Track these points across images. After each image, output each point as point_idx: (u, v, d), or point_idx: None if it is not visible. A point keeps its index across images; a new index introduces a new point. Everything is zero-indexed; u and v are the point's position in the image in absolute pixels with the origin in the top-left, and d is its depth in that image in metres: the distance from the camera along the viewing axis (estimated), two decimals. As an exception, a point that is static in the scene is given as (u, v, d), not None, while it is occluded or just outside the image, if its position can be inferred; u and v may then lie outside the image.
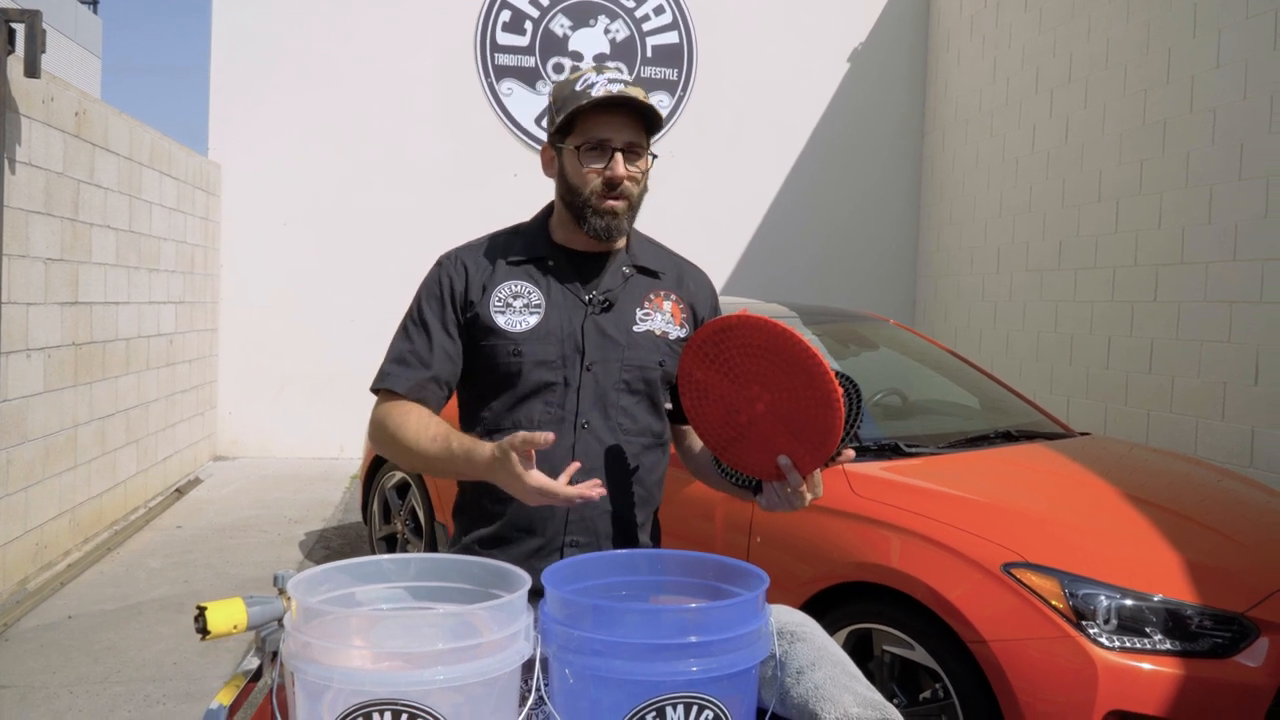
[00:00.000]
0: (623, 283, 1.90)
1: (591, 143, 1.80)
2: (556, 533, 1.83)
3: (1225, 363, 5.49)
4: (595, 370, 1.84)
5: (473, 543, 1.87)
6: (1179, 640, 2.56)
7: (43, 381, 5.09)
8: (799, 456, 1.63)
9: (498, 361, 1.83)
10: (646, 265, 1.95)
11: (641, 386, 1.88)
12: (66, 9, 20.49)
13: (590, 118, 1.80)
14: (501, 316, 1.83)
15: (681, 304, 1.96)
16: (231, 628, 1.32)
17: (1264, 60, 5.29)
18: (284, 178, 8.65)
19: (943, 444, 3.60)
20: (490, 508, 1.86)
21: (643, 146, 1.84)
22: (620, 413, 1.86)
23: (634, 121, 1.82)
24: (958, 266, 8.81)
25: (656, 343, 1.89)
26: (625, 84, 1.80)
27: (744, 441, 1.69)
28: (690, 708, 1.21)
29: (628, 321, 1.88)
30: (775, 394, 1.60)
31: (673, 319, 1.92)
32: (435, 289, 1.89)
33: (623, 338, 1.86)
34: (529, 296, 1.85)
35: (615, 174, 1.79)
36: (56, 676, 3.85)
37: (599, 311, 1.86)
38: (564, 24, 9.13)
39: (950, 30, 9.13)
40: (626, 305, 1.89)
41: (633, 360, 1.86)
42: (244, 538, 5.97)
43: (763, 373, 1.59)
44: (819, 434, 1.58)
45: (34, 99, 4.89)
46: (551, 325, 1.83)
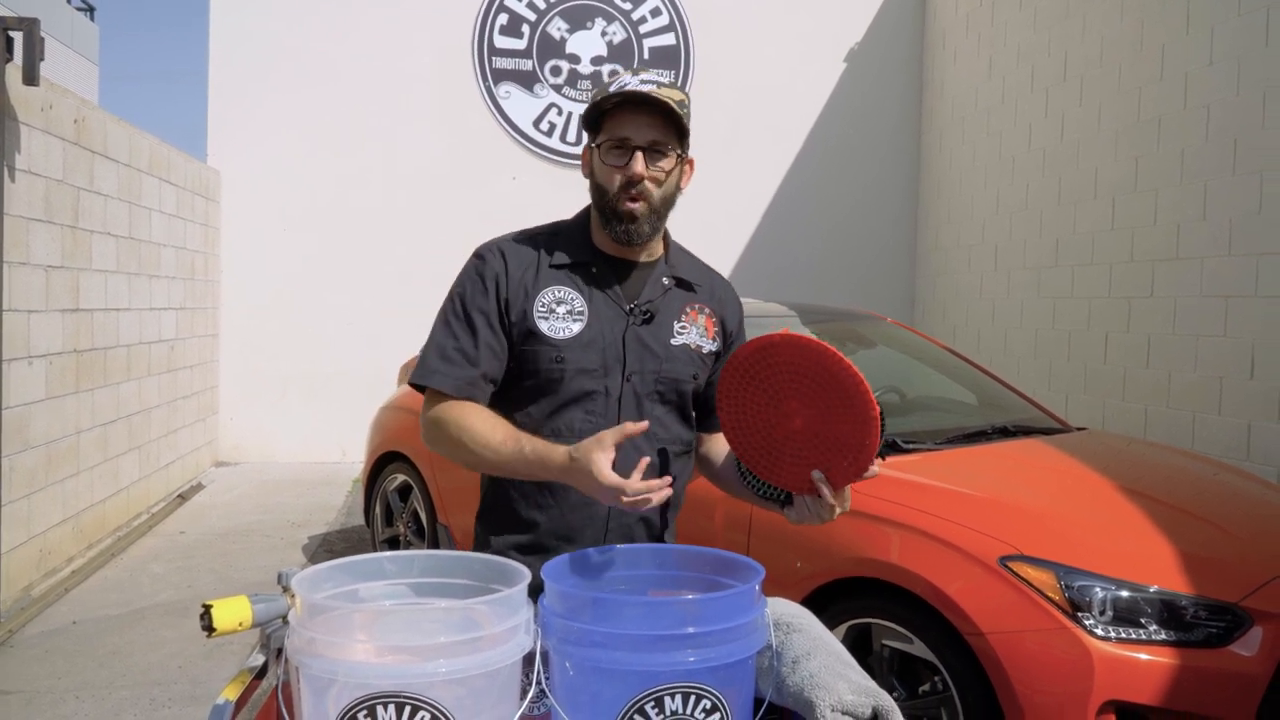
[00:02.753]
0: (662, 294, 1.90)
1: (614, 141, 1.79)
2: (596, 540, 1.83)
3: (1222, 357, 5.52)
4: (634, 380, 1.84)
5: (507, 549, 1.85)
6: (1174, 630, 2.58)
7: (44, 388, 5.11)
8: (834, 471, 1.65)
9: (540, 367, 1.81)
10: (684, 277, 1.95)
11: (674, 398, 1.89)
12: (63, 17, 20.53)
13: (615, 116, 1.79)
14: (545, 322, 1.81)
15: (714, 318, 1.97)
16: (237, 625, 1.34)
17: (1256, 57, 5.32)
18: (283, 183, 8.67)
19: (940, 440, 3.62)
20: (526, 514, 1.85)
21: (669, 146, 1.80)
22: (655, 422, 1.85)
23: (658, 121, 1.78)
24: (955, 265, 8.83)
25: (691, 356, 1.90)
26: (658, 85, 1.78)
27: (778, 455, 1.70)
28: (688, 697, 1.23)
29: (666, 334, 1.88)
30: (813, 410, 1.62)
31: (706, 333, 1.93)
32: (480, 283, 1.84)
33: (661, 350, 1.86)
34: (572, 304, 1.83)
35: (633, 172, 1.76)
36: (62, 682, 3.87)
37: (640, 323, 1.86)
38: (561, 27, 9.15)
39: (946, 29, 9.15)
40: (665, 317, 1.89)
41: (669, 373, 1.87)
42: (247, 542, 6.00)
43: (802, 390, 1.61)
44: (855, 450, 1.61)
45: (33, 106, 4.91)
46: (594, 334, 1.82)
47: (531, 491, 1.84)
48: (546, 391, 1.82)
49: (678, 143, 1.82)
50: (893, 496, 3.05)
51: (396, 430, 5.12)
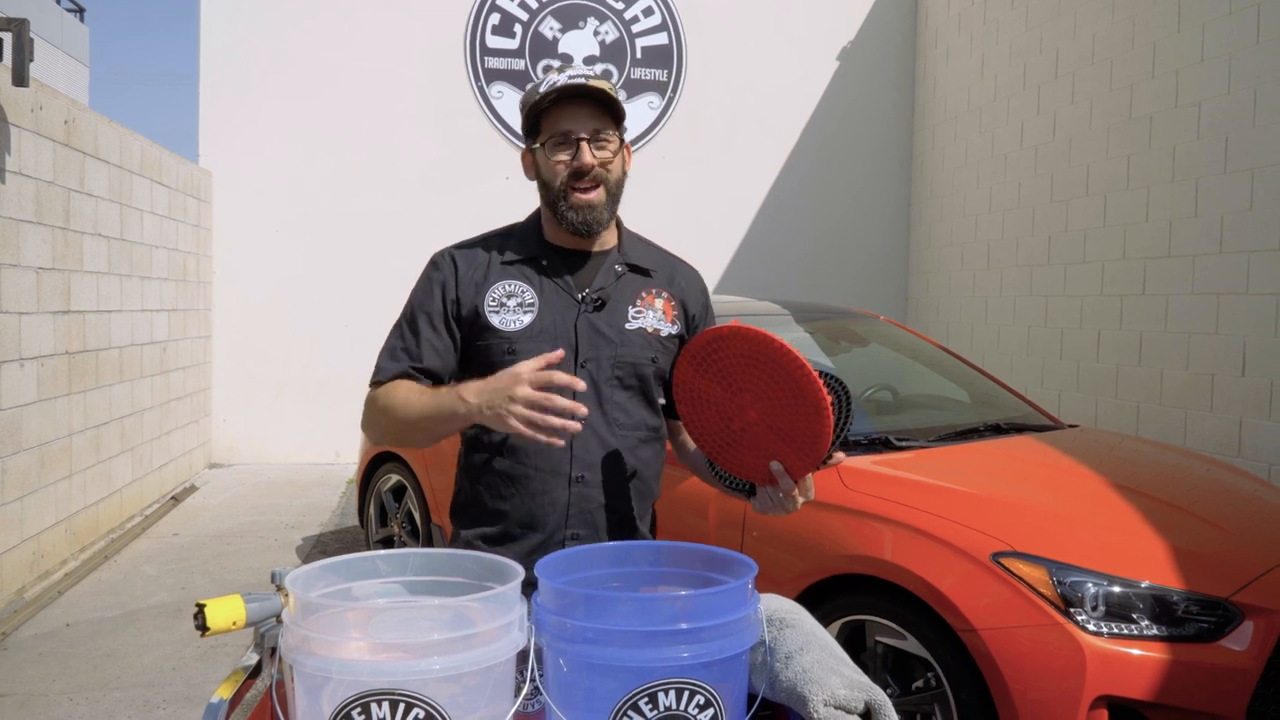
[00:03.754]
0: (615, 280, 1.93)
1: (556, 137, 1.84)
2: (558, 527, 1.87)
3: (1213, 354, 5.54)
4: (589, 367, 1.87)
5: (475, 539, 1.91)
6: (1166, 626, 2.60)
7: (36, 391, 5.10)
8: (790, 462, 1.66)
9: (492, 360, 1.85)
10: (638, 263, 1.98)
11: (634, 382, 1.91)
12: (53, 18, 20.45)
13: (553, 114, 1.85)
14: (496, 315, 1.87)
15: (673, 301, 1.98)
16: (230, 624, 1.34)
17: (1247, 54, 5.34)
18: (275, 183, 8.66)
19: (933, 437, 3.63)
20: (492, 505, 1.90)
21: (609, 133, 1.86)
22: (615, 408, 1.89)
23: (596, 111, 1.85)
24: (948, 263, 8.85)
25: (649, 339, 1.92)
26: (587, 78, 1.83)
27: (737, 447, 1.72)
28: (682, 693, 1.23)
29: (620, 319, 1.91)
30: (766, 402, 1.63)
31: (664, 316, 1.95)
32: (427, 286, 1.93)
33: (615, 335, 1.89)
34: (522, 295, 1.88)
35: (582, 162, 1.82)
36: (56, 684, 3.87)
37: (592, 309, 1.89)
38: (553, 26, 9.16)
39: (938, 28, 9.17)
40: (619, 303, 1.92)
41: (625, 357, 1.89)
42: (240, 544, 5.99)
43: (754, 381, 1.63)
44: (809, 440, 1.62)
45: (23, 108, 4.90)
46: (545, 323, 1.86)
47: (496, 483, 1.89)
48: None
49: (616, 128, 1.88)
50: (886, 493, 3.06)
51: (390, 431, 5.10)
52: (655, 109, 9.29)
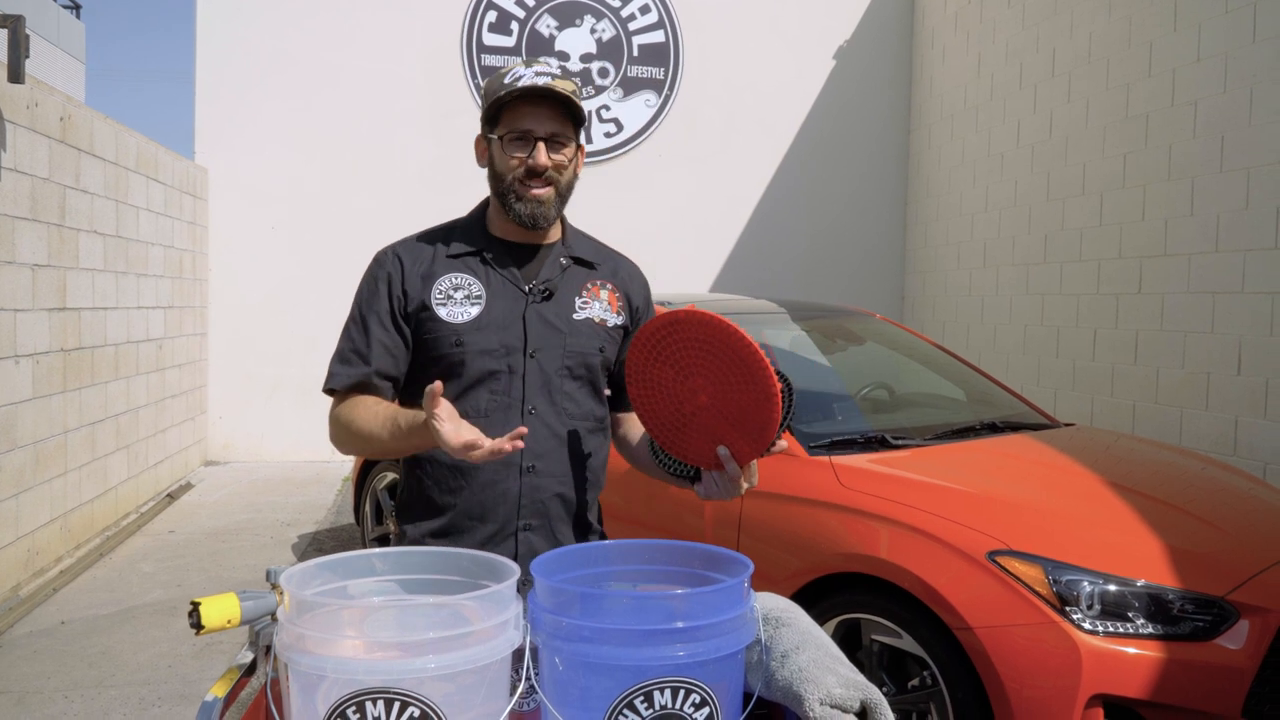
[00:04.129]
0: (560, 272, 1.95)
1: (515, 133, 1.85)
2: (509, 518, 1.88)
3: (1209, 353, 5.54)
4: (539, 357, 1.89)
5: (423, 537, 1.90)
6: (1161, 624, 2.60)
7: (31, 388, 5.09)
8: (738, 447, 1.68)
9: (441, 353, 1.87)
10: (582, 256, 2.00)
11: (583, 372, 1.93)
12: (49, 14, 20.41)
13: (515, 109, 1.85)
14: (443, 309, 1.87)
15: (618, 293, 2.01)
16: (225, 622, 1.34)
17: (1243, 53, 5.35)
18: (271, 181, 8.65)
19: (929, 436, 3.63)
20: (439, 499, 1.90)
21: (567, 136, 1.88)
22: (565, 398, 1.91)
23: (557, 113, 1.86)
24: (945, 261, 8.86)
25: (596, 330, 1.95)
26: (553, 77, 1.84)
27: (686, 431, 1.74)
28: (678, 692, 1.23)
29: (567, 310, 1.93)
30: (718, 387, 1.65)
31: (610, 307, 1.98)
32: (372, 285, 1.93)
33: (564, 325, 1.91)
34: (470, 288, 1.89)
35: (537, 162, 1.84)
36: (51, 682, 3.86)
37: (539, 300, 1.91)
38: (550, 24, 9.15)
39: (935, 27, 9.17)
40: (566, 294, 1.94)
41: (574, 347, 1.92)
42: (236, 541, 5.98)
43: (706, 366, 1.65)
44: (758, 426, 1.64)
45: (18, 104, 4.89)
46: (494, 315, 1.88)
47: (444, 476, 1.89)
48: (451, 375, 1.87)
49: (574, 132, 1.90)
50: (882, 492, 3.06)
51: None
52: (652, 107, 9.28)
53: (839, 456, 3.28)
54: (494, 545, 1.85)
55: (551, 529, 1.90)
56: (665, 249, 9.17)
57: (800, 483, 3.20)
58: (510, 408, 1.87)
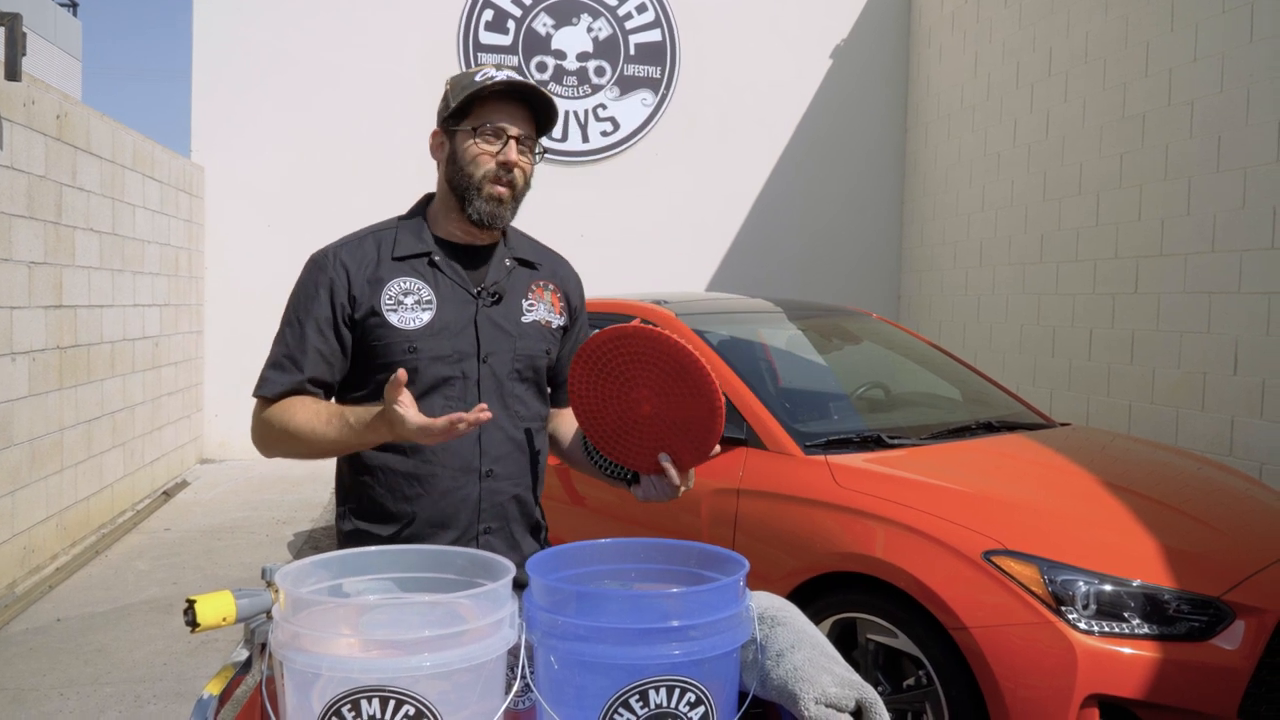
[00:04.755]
0: (507, 275, 1.94)
1: (489, 128, 1.83)
2: (470, 523, 1.86)
3: (1205, 353, 5.55)
4: (491, 362, 1.87)
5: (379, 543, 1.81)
6: (1157, 624, 2.60)
7: (27, 385, 5.08)
8: (680, 455, 1.73)
9: (393, 360, 1.82)
10: (525, 257, 1.99)
11: (531, 374, 1.94)
12: (46, 12, 20.37)
13: (489, 105, 1.84)
14: (394, 314, 1.83)
15: (559, 293, 2.02)
16: (221, 620, 1.34)
17: (1240, 53, 5.35)
18: (267, 179, 8.64)
19: (925, 435, 3.63)
20: (395, 507, 1.85)
21: (533, 141, 1.88)
22: (516, 400, 1.91)
23: (528, 116, 1.86)
24: (941, 261, 8.86)
25: (543, 332, 1.95)
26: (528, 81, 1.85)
27: (627, 439, 1.77)
28: (673, 691, 1.23)
29: (516, 313, 1.92)
30: (662, 399, 1.69)
31: (553, 308, 1.99)
32: (310, 289, 1.88)
33: (513, 329, 1.91)
34: (420, 293, 1.85)
35: (509, 158, 1.82)
36: (46, 679, 3.86)
37: (489, 304, 1.89)
38: (547, 23, 9.14)
39: (932, 26, 9.18)
40: (513, 297, 1.93)
41: (523, 350, 1.91)
42: (232, 539, 5.98)
43: (651, 379, 1.68)
44: (701, 435, 1.69)
45: (15, 102, 4.88)
46: (446, 320, 1.85)
47: (398, 484, 1.85)
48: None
49: (538, 138, 1.91)
50: (878, 491, 3.06)
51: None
52: (649, 106, 9.28)
53: (835, 456, 3.28)
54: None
55: (510, 531, 1.90)
56: (662, 248, 9.17)
57: (796, 482, 3.21)
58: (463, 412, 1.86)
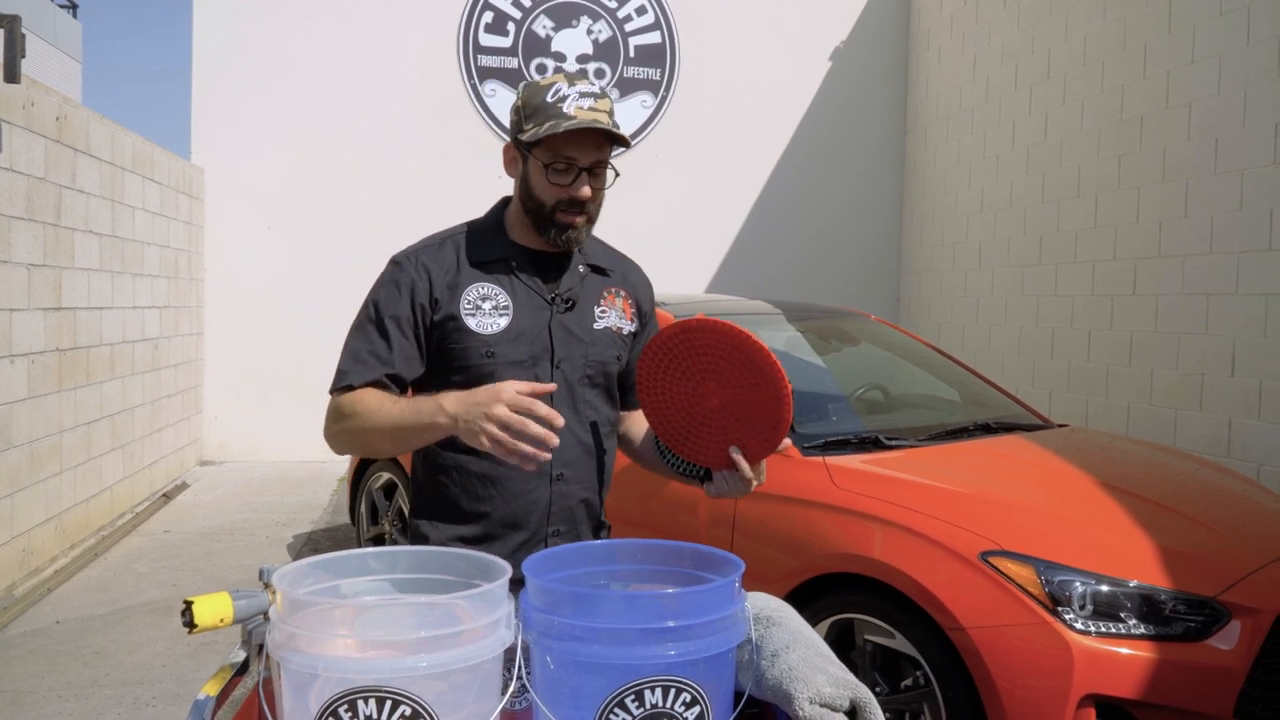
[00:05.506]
0: (580, 281, 1.96)
1: (560, 163, 1.83)
2: (540, 525, 1.90)
3: (1203, 355, 5.56)
4: (564, 367, 1.90)
5: (449, 541, 1.89)
6: (1153, 625, 2.61)
7: (27, 387, 5.09)
8: (749, 447, 1.72)
9: (470, 363, 1.86)
10: (598, 264, 2.01)
11: (601, 380, 1.96)
12: (46, 14, 20.38)
13: (560, 136, 1.82)
14: (472, 319, 1.86)
15: (630, 299, 2.04)
16: (218, 621, 1.34)
17: (1238, 55, 5.36)
18: (267, 180, 8.64)
19: (923, 437, 3.64)
20: (470, 507, 1.90)
21: (606, 162, 1.88)
22: (586, 405, 1.93)
23: (600, 140, 1.85)
24: (940, 262, 8.87)
25: (614, 338, 1.97)
26: (595, 97, 1.82)
27: (696, 435, 1.78)
28: (668, 690, 1.23)
29: (588, 319, 1.95)
30: (730, 391, 1.69)
31: (624, 314, 2.01)
32: (393, 289, 1.90)
33: (586, 335, 1.93)
34: (497, 299, 1.89)
35: (579, 195, 1.84)
36: (45, 681, 3.86)
37: (563, 311, 1.92)
38: (546, 25, 9.15)
39: (931, 28, 9.19)
40: (586, 303, 1.96)
41: (595, 356, 1.94)
42: (231, 541, 5.98)
43: (719, 371, 1.69)
44: (769, 426, 1.68)
45: (14, 104, 4.89)
46: (521, 326, 1.88)
47: (472, 484, 1.89)
48: (479, 384, 1.82)
49: (610, 154, 1.90)
50: (876, 492, 3.07)
51: (382, 428, 5.10)
52: (648, 108, 9.29)
53: (833, 457, 3.29)
54: (525, 551, 1.85)
55: (577, 533, 1.94)
56: (661, 250, 9.17)
57: (794, 483, 3.21)
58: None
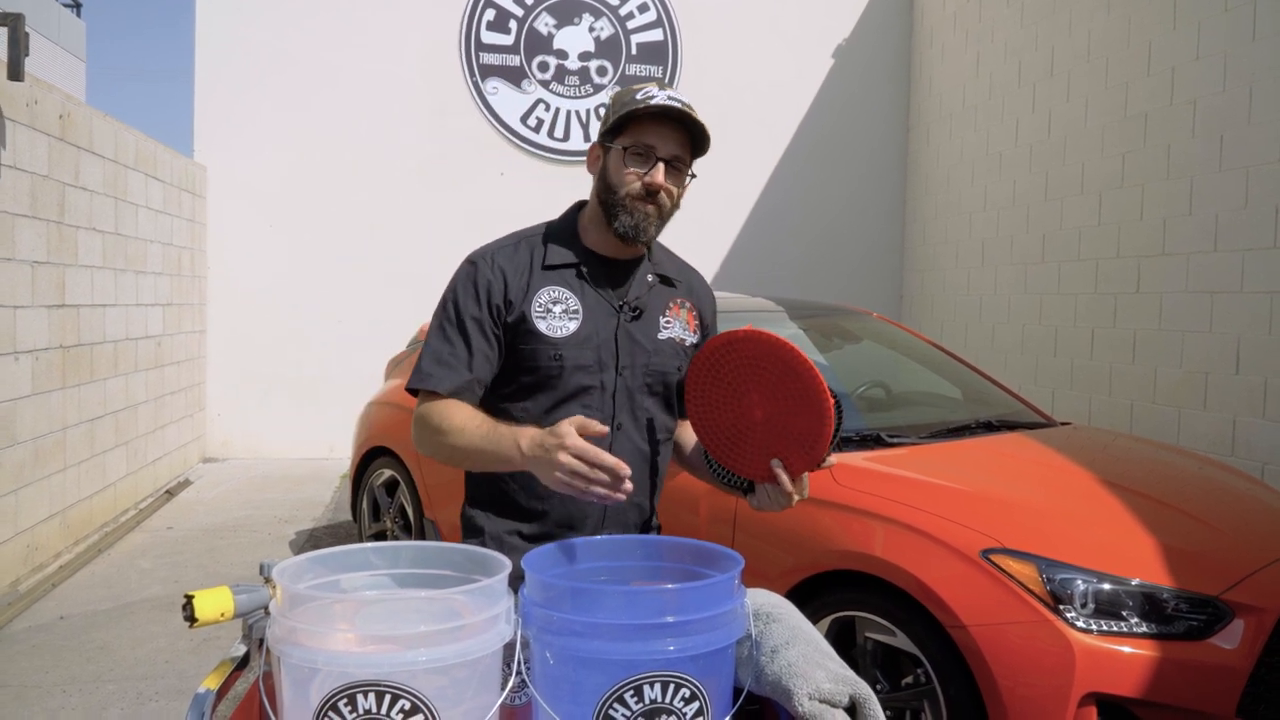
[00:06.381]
0: (648, 291, 1.98)
1: (638, 147, 1.85)
2: (596, 527, 1.93)
3: (1207, 352, 5.55)
4: (625, 374, 1.92)
5: (507, 534, 1.92)
6: (1155, 623, 2.60)
7: (31, 384, 5.10)
8: (791, 460, 1.73)
9: (539, 364, 1.88)
10: (667, 274, 2.04)
11: (661, 389, 1.98)
12: (49, 12, 20.40)
13: (642, 124, 1.86)
14: (543, 322, 1.88)
15: (694, 311, 2.06)
16: (219, 615, 1.34)
17: (1243, 52, 5.35)
18: (270, 179, 8.65)
19: (925, 434, 3.63)
20: (527, 504, 1.92)
21: (685, 162, 1.90)
22: (645, 413, 1.96)
23: (682, 137, 1.88)
24: (943, 260, 8.86)
25: (676, 349, 1.99)
26: (684, 104, 1.86)
27: (740, 445, 1.78)
28: (668, 686, 1.24)
29: (654, 329, 1.96)
30: (774, 403, 1.70)
31: (688, 326, 2.03)
32: (472, 290, 1.90)
33: (650, 344, 1.95)
34: (567, 303, 1.90)
35: (654, 181, 1.85)
36: (49, 676, 3.87)
37: (630, 319, 1.94)
38: (549, 22, 9.15)
39: (933, 26, 9.17)
40: (653, 313, 1.98)
41: (657, 365, 1.96)
42: (234, 538, 5.99)
43: (763, 383, 1.70)
44: (811, 441, 1.69)
45: (18, 102, 4.89)
46: (589, 331, 1.90)
47: (533, 483, 1.87)
48: (544, 387, 1.89)
49: (691, 160, 1.93)
50: (877, 490, 3.07)
51: (383, 425, 5.11)
52: (652, 105, 9.27)
53: (834, 454, 3.28)
54: None
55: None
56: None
57: (796, 480, 3.21)
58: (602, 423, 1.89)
